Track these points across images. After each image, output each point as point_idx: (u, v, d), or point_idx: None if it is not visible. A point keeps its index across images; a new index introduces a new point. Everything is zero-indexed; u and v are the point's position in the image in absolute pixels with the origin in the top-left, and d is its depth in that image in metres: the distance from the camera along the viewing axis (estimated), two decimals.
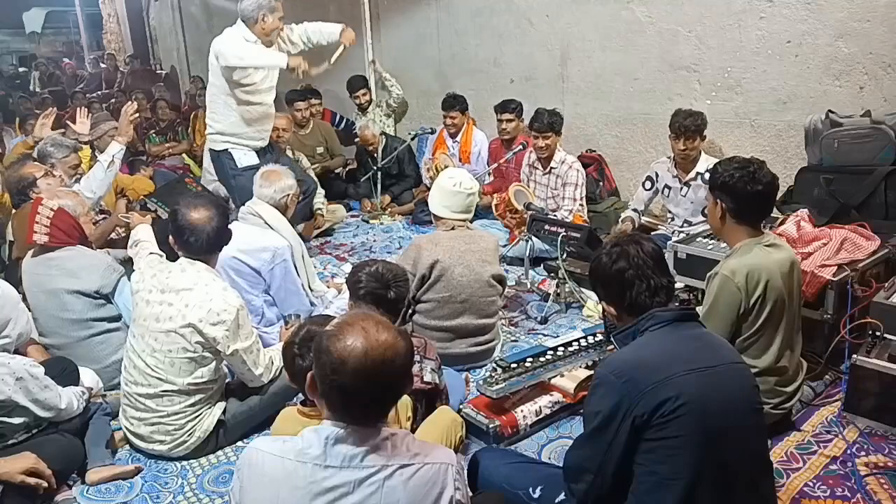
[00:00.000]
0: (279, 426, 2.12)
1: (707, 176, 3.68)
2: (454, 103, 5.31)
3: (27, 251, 2.95)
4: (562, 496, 1.80)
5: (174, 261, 2.55)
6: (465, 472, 1.94)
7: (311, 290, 3.43)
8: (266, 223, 3.26)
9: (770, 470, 1.75)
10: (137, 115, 3.73)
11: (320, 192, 5.22)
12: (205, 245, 2.47)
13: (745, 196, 2.26)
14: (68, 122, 5.31)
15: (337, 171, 6.11)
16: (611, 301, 1.80)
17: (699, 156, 3.87)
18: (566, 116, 4.44)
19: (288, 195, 3.36)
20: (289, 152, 5.03)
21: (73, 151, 3.93)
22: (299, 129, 5.85)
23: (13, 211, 3.55)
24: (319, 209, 5.14)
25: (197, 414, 2.47)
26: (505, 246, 4.12)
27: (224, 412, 2.55)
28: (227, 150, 4.04)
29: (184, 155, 7.13)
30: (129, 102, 3.79)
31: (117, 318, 2.90)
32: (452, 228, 3.05)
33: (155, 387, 2.41)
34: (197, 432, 2.47)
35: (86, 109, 4.66)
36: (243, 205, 3.45)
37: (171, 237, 2.51)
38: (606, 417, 1.58)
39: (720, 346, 1.74)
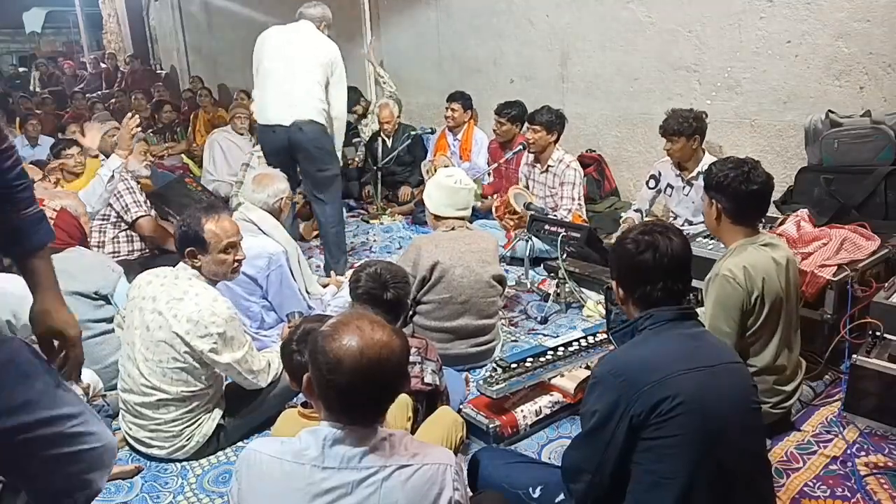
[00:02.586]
0: (280, 428, 2.12)
1: None
2: (457, 96, 5.41)
3: None
4: (561, 496, 1.80)
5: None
6: (465, 472, 1.94)
7: (309, 295, 3.43)
8: (259, 229, 3.24)
9: (768, 469, 1.75)
10: (139, 127, 3.73)
11: None
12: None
13: (740, 196, 2.26)
14: (76, 131, 5.32)
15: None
16: (623, 286, 1.78)
17: (702, 155, 3.85)
18: (566, 116, 4.44)
19: (281, 199, 3.34)
20: None
21: (141, 140, 4.02)
22: None
23: None
24: None
25: (195, 420, 2.45)
26: (504, 247, 4.13)
27: (223, 416, 2.53)
28: (328, 128, 4.06)
29: (183, 155, 7.13)
30: (131, 115, 3.73)
31: None
32: (452, 229, 3.04)
33: (149, 396, 2.39)
34: (196, 437, 2.46)
35: (98, 124, 4.63)
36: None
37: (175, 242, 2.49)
38: (604, 417, 1.58)
39: (718, 346, 1.73)
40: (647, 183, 4.15)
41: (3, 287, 2.34)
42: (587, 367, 2.68)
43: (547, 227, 3.67)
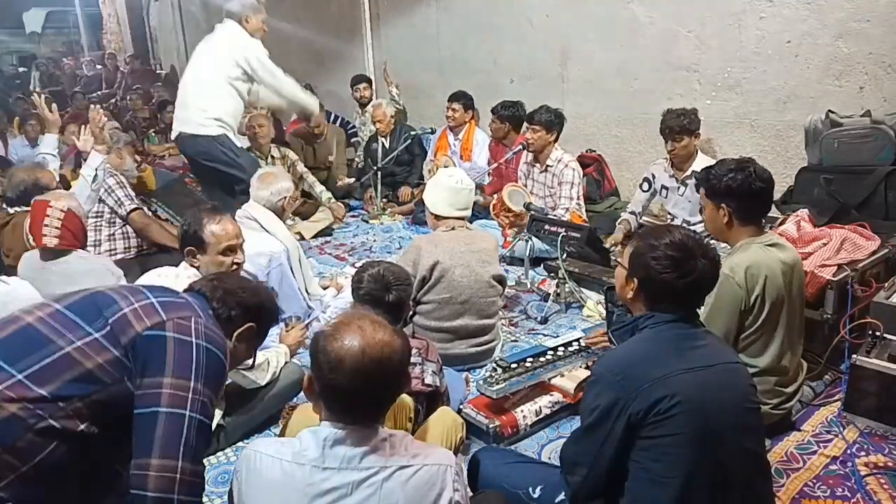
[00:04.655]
0: (295, 422, 2.07)
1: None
2: (458, 96, 5.41)
3: (19, 260, 2.95)
4: (561, 496, 1.80)
5: None
6: (465, 472, 1.94)
7: (309, 295, 3.42)
8: (261, 226, 3.24)
9: (767, 469, 1.75)
10: (105, 120, 3.79)
11: (317, 184, 5.30)
12: None
13: (750, 196, 2.26)
14: (75, 131, 5.32)
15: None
16: (643, 289, 1.74)
17: (695, 154, 3.87)
18: (566, 116, 4.44)
19: (285, 198, 3.34)
20: (274, 150, 5.11)
21: (128, 143, 4.18)
22: (315, 140, 5.84)
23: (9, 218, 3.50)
24: (330, 199, 5.25)
25: None
26: (504, 247, 4.13)
27: (223, 416, 2.52)
28: (224, 134, 4.17)
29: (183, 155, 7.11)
30: (93, 108, 3.78)
31: None
32: (452, 229, 3.04)
33: None
34: None
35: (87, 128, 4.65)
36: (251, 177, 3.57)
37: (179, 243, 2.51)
38: (602, 415, 1.58)
39: (717, 346, 1.73)
40: (640, 186, 4.15)
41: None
42: (587, 367, 2.68)
43: (547, 227, 3.67)
